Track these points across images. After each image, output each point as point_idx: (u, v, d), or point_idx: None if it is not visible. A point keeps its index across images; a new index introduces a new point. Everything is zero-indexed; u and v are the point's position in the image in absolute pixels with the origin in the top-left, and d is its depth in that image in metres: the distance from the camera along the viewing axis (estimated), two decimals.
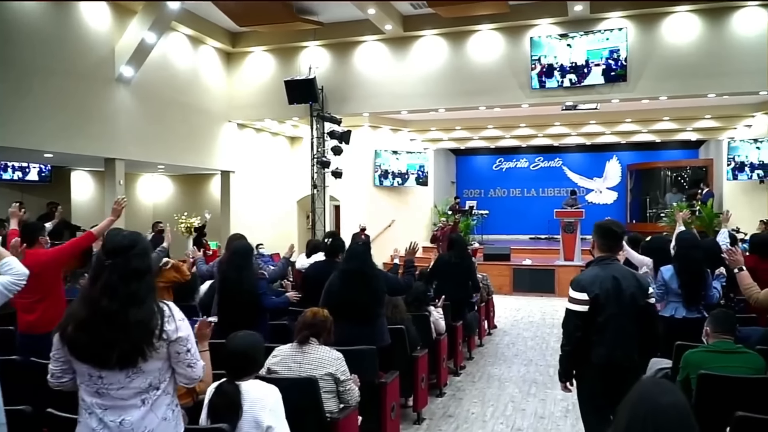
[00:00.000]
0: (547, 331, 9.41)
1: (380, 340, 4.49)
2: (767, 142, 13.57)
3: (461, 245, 7.26)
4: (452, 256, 7.07)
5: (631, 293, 3.35)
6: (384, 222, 15.89)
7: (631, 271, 3.54)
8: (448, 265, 7.01)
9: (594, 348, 3.35)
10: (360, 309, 4.47)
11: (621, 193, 19.70)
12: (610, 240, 3.49)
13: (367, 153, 15.64)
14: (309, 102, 12.32)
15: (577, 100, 11.54)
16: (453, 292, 6.68)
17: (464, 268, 7.05)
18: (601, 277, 3.35)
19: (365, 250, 4.75)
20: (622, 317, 3.33)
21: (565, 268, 13.23)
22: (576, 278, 3.44)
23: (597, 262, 3.47)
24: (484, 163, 22.16)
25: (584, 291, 3.33)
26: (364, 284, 4.53)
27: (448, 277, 6.94)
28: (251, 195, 14.38)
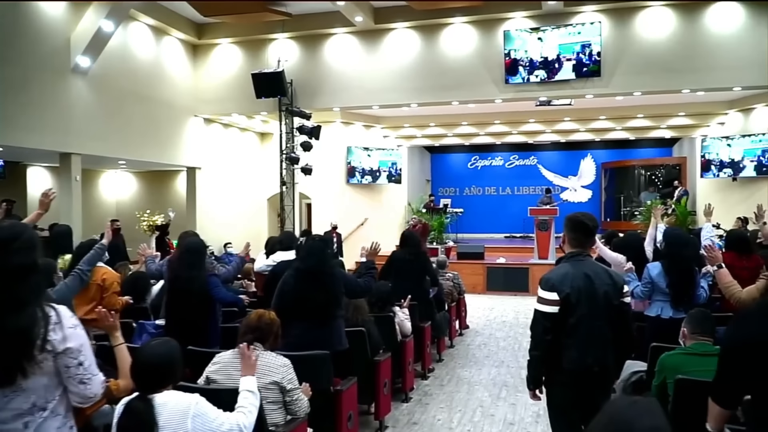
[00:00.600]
0: (520, 331, 9.15)
1: (337, 344, 4.16)
2: (738, 140, 13.53)
3: (414, 241, 6.90)
4: (406, 253, 6.72)
5: (605, 292, 3.07)
6: (357, 220, 15.57)
7: (605, 267, 3.25)
8: (403, 263, 6.65)
9: (565, 352, 3.05)
10: (316, 310, 4.15)
11: (595, 191, 19.61)
12: (582, 234, 3.19)
13: (339, 150, 15.29)
14: (277, 96, 11.93)
15: (551, 95, 11.33)
16: (409, 290, 6.36)
17: (419, 265, 6.69)
18: (572, 275, 3.06)
19: (323, 247, 4.41)
20: (595, 318, 3.04)
21: (539, 266, 13.02)
22: (545, 277, 3.13)
23: (568, 259, 3.17)
24: (459, 161, 21.97)
25: (554, 290, 3.03)
26: (320, 284, 4.20)
27: (403, 275, 6.56)
28: (219, 192, 13.94)
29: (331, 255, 4.40)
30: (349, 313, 4.84)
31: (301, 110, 12.00)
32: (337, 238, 13.76)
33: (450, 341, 8.06)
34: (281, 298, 4.25)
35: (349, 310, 4.85)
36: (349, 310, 4.85)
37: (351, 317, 4.82)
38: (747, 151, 13.42)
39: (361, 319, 4.84)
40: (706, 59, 10.24)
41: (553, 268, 3.23)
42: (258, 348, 3.21)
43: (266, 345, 3.28)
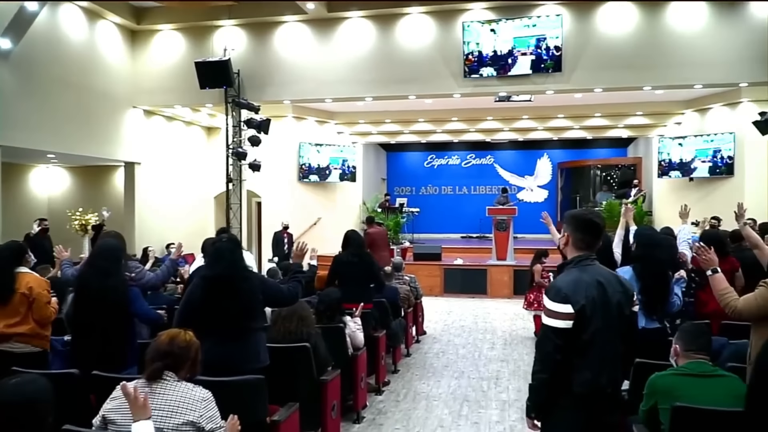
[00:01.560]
0: (479, 336, 8.70)
1: (254, 361, 3.53)
2: (690, 140, 13.45)
3: (358, 241, 6.34)
4: (350, 255, 6.16)
5: (618, 302, 2.61)
6: (309, 220, 14.89)
7: (614, 273, 2.78)
8: (346, 266, 6.10)
9: (576, 373, 2.56)
10: (227, 323, 3.51)
11: (552, 191, 19.40)
12: (591, 235, 2.71)
13: (290, 146, 14.58)
14: (223, 87, 11.14)
15: (510, 91, 10.92)
16: (358, 295, 5.80)
17: (364, 267, 6.13)
18: (586, 283, 2.58)
19: (233, 248, 3.74)
20: (610, 332, 2.58)
21: (498, 267, 12.66)
22: (555, 286, 2.63)
23: (576, 264, 2.68)
24: (415, 160, 21.55)
25: (567, 302, 2.53)
26: (231, 292, 3.55)
27: (349, 279, 6.02)
28: (162, 190, 13.06)
29: (241, 257, 3.72)
30: (292, 325, 4.24)
31: (249, 102, 11.26)
32: (288, 239, 13.08)
33: (406, 350, 7.52)
34: (185, 311, 3.60)
35: (293, 321, 4.25)
36: (293, 321, 4.25)
37: (295, 330, 4.22)
38: (699, 152, 13.35)
39: (306, 331, 4.23)
40: (668, 56, 9.99)
41: (560, 276, 2.73)
42: (169, 379, 2.58)
43: (181, 373, 2.65)
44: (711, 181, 13.17)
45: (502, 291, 12.45)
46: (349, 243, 6.26)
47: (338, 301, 5.01)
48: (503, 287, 12.47)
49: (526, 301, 8.47)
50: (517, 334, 8.88)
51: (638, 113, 14.23)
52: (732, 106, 12.65)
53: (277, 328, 4.26)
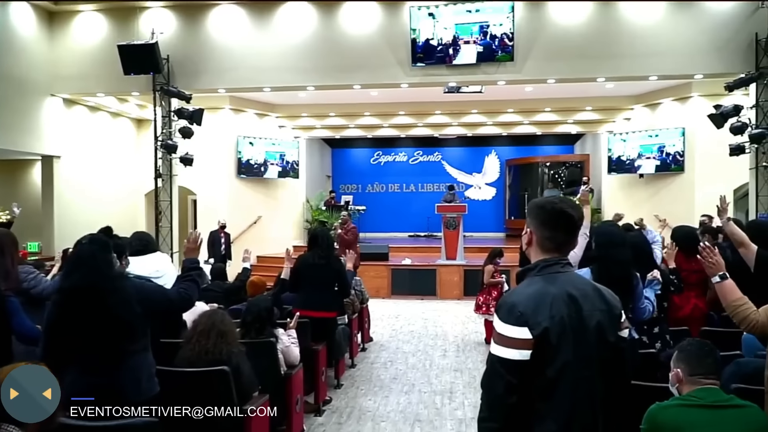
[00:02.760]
0: (430, 342, 8.09)
1: (132, 392, 2.79)
2: (639, 135, 13.28)
3: (326, 241, 5.62)
4: (316, 257, 5.47)
5: (597, 323, 1.91)
6: (249, 218, 14.03)
7: (593, 284, 2.07)
8: (312, 268, 5.42)
9: (537, 424, 1.86)
10: (93, 347, 2.77)
11: (500, 189, 19.16)
12: (563, 231, 1.99)
13: (228, 140, 13.69)
14: (150, 73, 10.20)
15: (460, 81, 10.37)
16: (320, 302, 5.12)
17: (333, 271, 5.50)
18: (552, 297, 1.88)
19: (96, 251, 2.91)
20: (585, 366, 1.87)
21: (447, 267, 12.12)
22: (508, 301, 1.93)
23: (540, 270, 1.98)
24: (361, 157, 20.90)
25: (525, 323, 1.83)
26: (96, 307, 2.78)
27: (312, 283, 5.37)
28: (85, 186, 11.95)
29: (108, 262, 2.93)
30: (210, 342, 3.49)
31: (179, 91, 10.33)
32: (225, 239, 12.20)
33: (351, 360, 6.83)
34: (46, 335, 2.84)
35: (211, 337, 3.50)
36: (211, 337, 3.50)
37: (213, 348, 3.47)
38: (648, 147, 13.20)
39: (226, 350, 3.48)
40: (623, 47, 9.65)
41: (517, 287, 2.02)
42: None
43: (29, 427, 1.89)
44: (661, 177, 13.01)
45: (452, 292, 11.92)
46: (316, 242, 5.55)
47: (268, 311, 4.26)
48: (453, 288, 11.94)
49: (475, 304, 7.91)
50: (469, 339, 8.31)
51: (588, 108, 13.99)
52: (682, 101, 12.52)
53: (192, 346, 3.50)
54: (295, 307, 5.20)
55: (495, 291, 7.71)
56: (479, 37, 9.82)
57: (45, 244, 11.21)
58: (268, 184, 14.65)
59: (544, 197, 2.15)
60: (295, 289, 5.47)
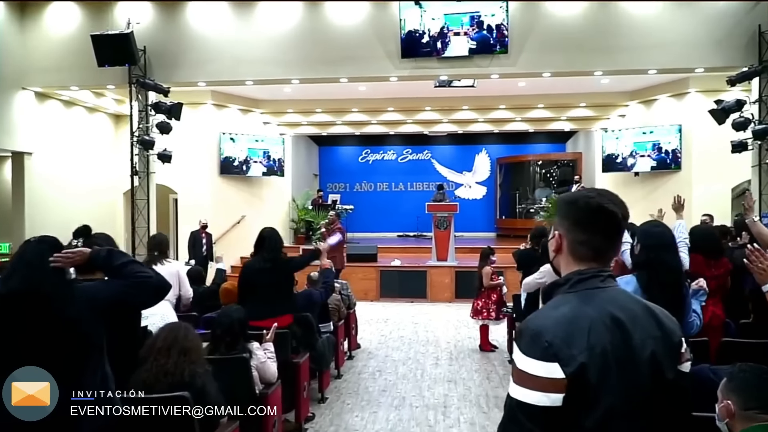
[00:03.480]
0: (421, 349, 7.64)
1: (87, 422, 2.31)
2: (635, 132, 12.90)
3: (274, 243, 4.98)
4: (260, 260, 4.92)
5: (651, 355, 1.43)
6: (232, 218, 13.51)
7: (642, 302, 1.57)
8: (257, 275, 4.87)
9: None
10: (40, 363, 2.26)
11: (490, 187, 18.76)
12: (602, 233, 1.52)
13: (210, 137, 13.16)
14: (125, 64, 9.67)
15: (452, 74, 9.92)
16: (270, 313, 4.62)
17: (282, 275, 4.96)
18: (589, 323, 1.41)
19: (44, 252, 2.42)
20: (635, 414, 1.40)
21: (438, 269, 11.69)
22: (530, 326, 1.44)
23: (573, 285, 1.51)
24: (349, 155, 20.45)
25: (554, 358, 1.36)
26: (41, 318, 2.28)
27: (261, 292, 4.78)
28: (59, 184, 11.37)
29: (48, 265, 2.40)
30: (170, 361, 3.00)
31: (157, 84, 9.80)
32: (206, 239, 11.68)
33: (337, 370, 6.36)
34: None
35: (171, 355, 3.02)
36: (171, 355, 3.02)
37: (173, 369, 2.98)
38: (644, 145, 12.83)
39: (189, 370, 3.00)
40: (621, 39, 9.24)
41: (542, 308, 1.56)
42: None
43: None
44: (657, 175, 12.64)
45: (443, 294, 11.49)
46: (262, 245, 4.99)
47: (241, 322, 3.79)
48: (444, 290, 11.51)
49: (473, 309, 7.48)
50: (462, 345, 7.88)
51: (582, 104, 13.59)
52: (678, 98, 12.15)
53: (149, 366, 3.02)
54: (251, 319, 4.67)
55: (495, 294, 7.30)
56: (471, 29, 9.39)
57: (15, 244, 10.63)
58: (253, 182, 14.15)
59: (576, 191, 1.70)
60: (243, 300, 4.74)
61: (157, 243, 5.39)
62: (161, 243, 5.37)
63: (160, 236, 5.63)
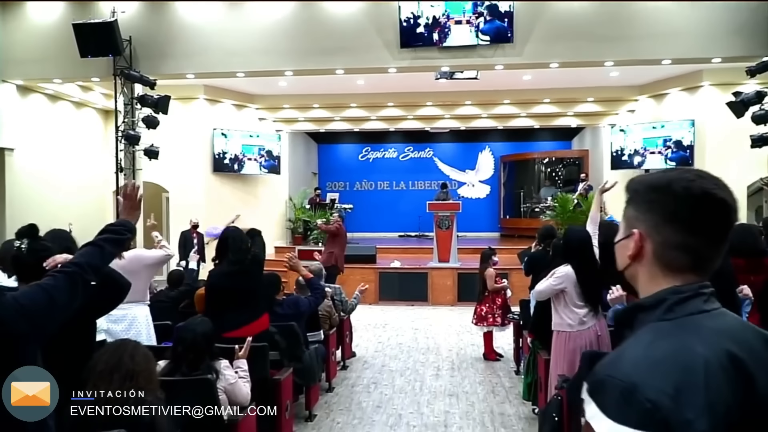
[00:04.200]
0: (420, 358, 7.11)
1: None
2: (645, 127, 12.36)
3: (237, 245, 4.25)
4: (227, 264, 4.26)
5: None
6: (226, 217, 12.93)
7: (756, 329, 1.05)
8: (224, 279, 4.23)
9: None
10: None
11: (494, 186, 18.20)
12: (709, 231, 1.04)
13: (203, 133, 12.66)
14: (109, 55, 9.17)
15: (454, 65, 9.39)
16: (238, 320, 4.09)
17: (252, 279, 4.29)
18: (703, 367, 0.90)
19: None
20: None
21: (440, 270, 11.15)
22: (616, 375, 0.93)
23: (669, 310, 1.01)
24: (349, 153, 19.92)
25: (663, 427, 0.85)
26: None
27: (225, 302, 4.17)
28: (45, 182, 10.87)
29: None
30: (113, 386, 2.48)
31: (143, 75, 9.29)
32: (198, 239, 11.15)
33: (328, 383, 5.83)
34: None
35: (113, 380, 2.49)
36: (113, 380, 2.49)
37: (115, 397, 2.46)
38: (654, 141, 12.29)
39: (136, 398, 2.48)
40: (634, 27, 8.71)
41: (631, 345, 1.00)
42: None
43: None
44: None
45: (444, 297, 10.96)
46: (227, 246, 4.27)
47: (206, 337, 3.25)
48: (446, 293, 10.98)
49: (476, 315, 6.95)
50: (465, 353, 7.34)
51: (589, 99, 13.05)
52: (691, 91, 11.59)
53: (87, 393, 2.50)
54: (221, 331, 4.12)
55: (499, 298, 6.77)
56: (473, 16, 8.85)
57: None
58: (248, 180, 13.64)
59: (663, 171, 1.15)
60: (210, 311, 4.12)
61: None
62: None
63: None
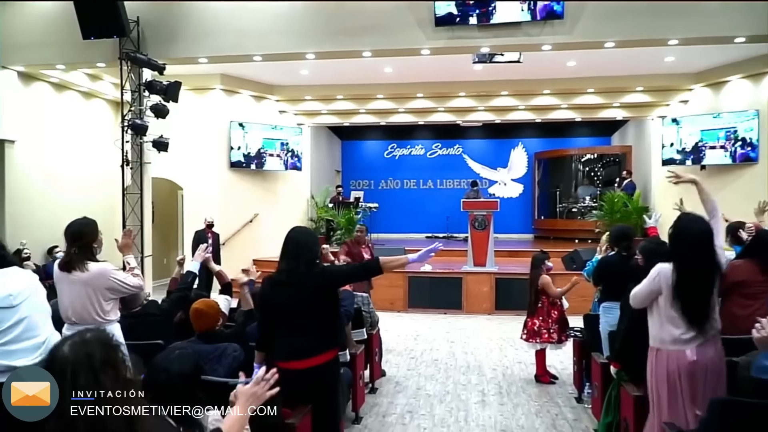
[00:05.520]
0: (461, 379, 6.11)
1: None
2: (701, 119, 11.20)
3: (303, 245, 3.32)
4: (281, 273, 3.31)
5: None
6: (244, 216, 12.16)
7: None
8: (276, 292, 3.28)
9: None
10: None
11: (527, 185, 17.09)
12: None
13: (219, 126, 11.84)
14: (113, 36, 8.34)
15: (496, 46, 8.36)
16: (307, 346, 3.15)
17: (312, 291, 3.22)
18: None
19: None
20: None
21: (476, 275, 10.13)
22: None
23: None
24: (374, 150, 19.00)
25: None
26: None
27: (286, 319, 3.23)
28: (49, 177, 10.08)
29: None
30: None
31: (150, 59, 8.43)
32: (213, 239, 10.29)
33: (354, 413, 4.86)
34: None
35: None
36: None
37: None
38: (707, 134, 11.14)
39: None
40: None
41: None
42: None
43: None
44: (728, 169, 10.91)
45: (481, 305, 9.93)
46: (288, 249, 3.33)
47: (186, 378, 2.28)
48: (483, 300, 9.96)
49: (526, 330, 5.93)
50: (512, 373, 6.33)
51: (638, 89, 11.91)
52: (755, 79, 10.43)
53: None
54: (275, 358, 3.21)
55: (555, 311, 5.76)
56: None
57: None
58: (267, 177, 12.77)
59: None
60: (266, 339, 3.30)
61: (76, 234, 3.68)
62: (82, 234, 3.67)
63: (78, 224, 3.76)
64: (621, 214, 11.46)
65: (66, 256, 3.80)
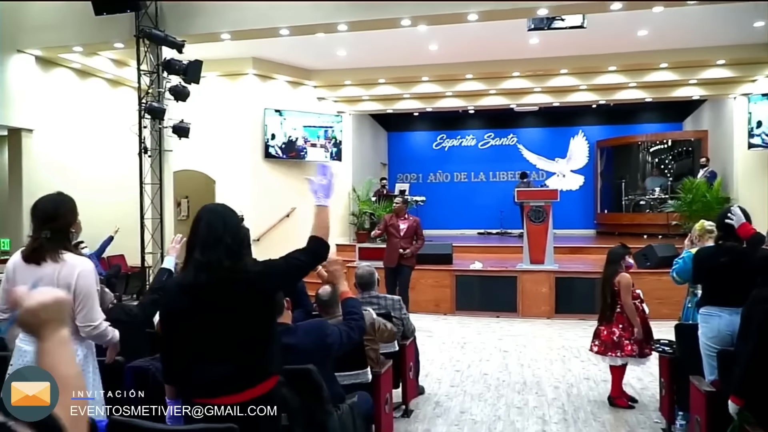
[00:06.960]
0: (516, 400, 5.02)
1: None
2: None
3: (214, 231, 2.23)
4: (190, 273, 2.24)
5: None
6: (280, 210, 11.32)
7: None
8: (185, 301, 2.22)
9: None
10: None
11: (589, 176, 15.64)
12: None
13: (253, 114, 11.08)
14: (127, 10, 7.60)
15: (556, 8, 7.17)
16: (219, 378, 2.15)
17: (237, 300, 2.19)
18: None
19: None
20: None
21: (533, 274, 8.96)
22: None
23: None
24: (422, 141, 17.96)
25: None
26: None
27: (192, 335, 2.20)
28: (69, 168, 9.48)
29: None
30: None
31: (167, 35, 7.66)
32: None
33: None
34: None
35: None
36: None
37: None
38: None
39: None
40: None
41: None
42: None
43: None
44: None
45: (539, 308, 8.76)
46: (201, 234, 2.26)
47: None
48: (541, 302, 8.78)
49: (598, 339, 4.78)
50: (579, 393, 5.19)
51: (720, 62, 10.44)
52: None
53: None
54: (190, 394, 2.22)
55: (638, 317, 4.61)
56: None
57: (14, 240, 8.83)
58: (305, 168, 11.91)
59: None
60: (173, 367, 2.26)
61: (48, 214, 2.81)
62: (56, 215, 2.80)
63: (50, 201, 2.86)
64: (702, 204, 10.05)
65: (33, 242, 2.88)
